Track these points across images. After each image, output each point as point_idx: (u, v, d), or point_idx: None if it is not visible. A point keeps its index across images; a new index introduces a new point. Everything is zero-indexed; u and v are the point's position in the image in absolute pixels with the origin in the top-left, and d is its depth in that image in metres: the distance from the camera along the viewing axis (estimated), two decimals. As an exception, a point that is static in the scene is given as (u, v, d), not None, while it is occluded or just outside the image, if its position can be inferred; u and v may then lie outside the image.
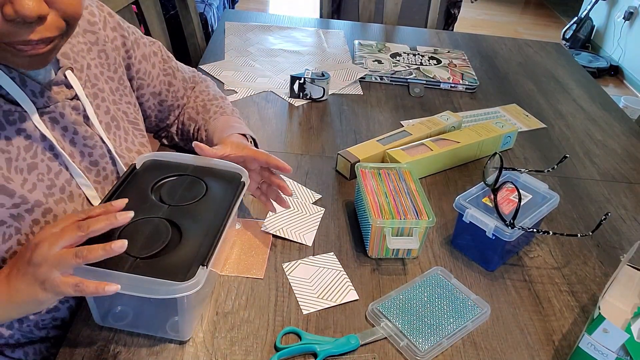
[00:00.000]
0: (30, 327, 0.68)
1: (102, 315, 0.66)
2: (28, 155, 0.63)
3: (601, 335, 0.60)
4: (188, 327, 0.65)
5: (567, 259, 0.86)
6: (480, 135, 1.08)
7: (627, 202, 1.02)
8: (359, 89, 1.34)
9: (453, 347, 0.69)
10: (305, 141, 1.11)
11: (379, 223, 0.77)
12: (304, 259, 0.80)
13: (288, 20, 1.73)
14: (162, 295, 0.57)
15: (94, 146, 0.71)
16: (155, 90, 0.88)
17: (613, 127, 1.29)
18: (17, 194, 0.60)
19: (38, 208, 0.63)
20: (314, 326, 0.70)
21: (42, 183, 0.64)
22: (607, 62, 3.76)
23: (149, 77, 0.86)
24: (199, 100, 0.95)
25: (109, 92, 0.77)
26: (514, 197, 0.82)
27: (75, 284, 0.52)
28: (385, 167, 0.90)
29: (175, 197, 0.70)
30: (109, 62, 0.77)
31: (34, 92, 0.63)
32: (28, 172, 0.63)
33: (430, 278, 0.78)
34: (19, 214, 0.61)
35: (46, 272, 0.52)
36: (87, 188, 0.69)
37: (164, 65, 0.90)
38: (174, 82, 0.91)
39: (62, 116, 0.67)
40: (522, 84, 1.47)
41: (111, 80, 0.78)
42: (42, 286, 0.53)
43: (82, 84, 0.70)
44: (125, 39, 0.81)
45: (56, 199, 0.65)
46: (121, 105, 0.79)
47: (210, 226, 0.66)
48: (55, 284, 0.53)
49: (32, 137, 0.63)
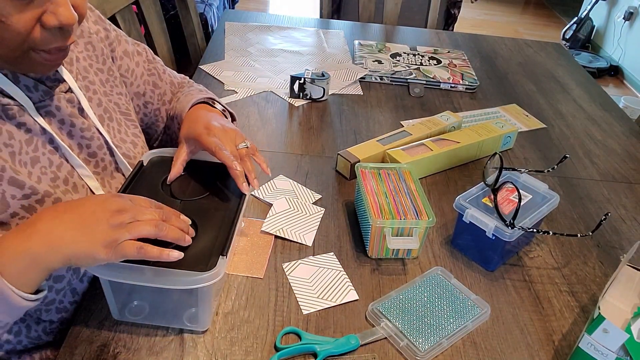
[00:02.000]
0: (39, 333, 0.68)
1: (120, 309, 0.67)
2: (30, 149, 0.63)
3: (601, 335, 0.60)
4: (207, 317, 0.67)
5: (567, 259, 0.86)
6: (480, 135, 1.08)
7: (627, 202, 1.02)
8: (359, 89, 1.34)
9: (453, 347, 0.69)
10: (305, 141, 1.11)
11: (379, 223, 0.77)
12: (304, 259, 0.80)
13: (288, 20, 1.73)
14: (186, 285, 0.59)
15: (91, 138, 0.71)
16: (140, 91, 0.86)
17: (613, 127, 1.29)
18: (27, 184, 0.61)
19: (48, 198, 0.63)
20: (314, 326, 0.70)
21: (45, 176, 0.65)
22: (607, 62, 3.76)
23: (132, 75, 0.84)
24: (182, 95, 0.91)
25: (99, 84, 0.77)
26: (514, 197, 0.82)
27: (140, 246, 0.56)
28: (385, 167, 0.90)
29: (186, 192, 0.73)
30: (97, 54, 0.77)
31: (28, 87, 0.63)
32: (32, 166, 0.63)
33: (430, 278, 0.78)
34: (30, 205, 0.62)
35: (120, 235, 0.56)
36: (88, 179, 0.70)
37: (148, 65, 0.88)
38: (160, 84, 0.89)
39: (58, 109, 0.67)
40: (522, 84, 1.47)
41: (100, 72, 0.78)
42: (108, 246, 0.55)
43: (73, 77, 0.70)
44: (107, 31, 0.80)
45: (62, 190, 0.66)
46: (112, 97, 0.79)
47: (223, 218, 0.69)
48: (122, 246, 0.56)
49: (32, 130, 0.63)
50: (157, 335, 0.66)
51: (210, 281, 0.59)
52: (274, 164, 1.02)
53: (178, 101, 0.89)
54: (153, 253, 0.57)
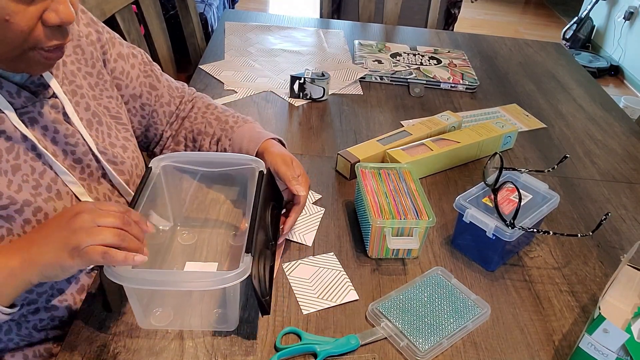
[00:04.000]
0: (29, 330, 0.68)
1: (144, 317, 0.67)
2: (10, 157, 0.62)
3: (601, 335, 0.60)
4: (236, 316, 0.67)
5: (567, 259, 0.86)
6: (480, 135, 1.08)
7: (627, 202, 1.02)
8: (359, 89, 1.34)
9: (453, 347, 0.69)
10: (305, 141, 1.11)
11: (379, 223, 0.77)
12: (304, 259, 0.80)
13: (288, 20, 1.73)
14: (216, 285, 0.59)
15: (76, 144, 0.71)
16: (136, 92, 0.85)
17: (613, 127, 1.29)
18: (4, 195, 0.60)
19: (28, 207, 0.63)
20: (314, 326, 0.70)
21: (27, 184, 0.64)
22: (607, 62, 3.76)
23: (127, 77, 0.83)
24: (208, 114, 0.92)
25: (88, 88, 0.76)
26: (514, 197, 0.82)
27: (105, 251, 0.55)
28: (385, 167, 0.90)
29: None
30: (86, 58, 0.76)
31: (11, 92, 0.63)
32: (12, 174, 0.62)
33: (430, 278, 0.78)
34: (8, 215, 0.61)
35: (81, 239, 0.55)
36: (73, 185, 0.69)
37: (144, 67, 0.87)
38: (157, 86, 0.88)
39: (41, 115, 0.66)
40: (522, 84, 1.47)
41: (89, 75, 0.77)
42: (72, 252, 0.55)
43: (59, 81, 0.70)
44: (99, 34, 0.79)
45: (44, 198, 0.65)
46: (102, 100, 0.78)
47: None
48: (86, 251, 0.55)
49: (12, 138, 0.63)
50: (157, 335, 0.66)
51: (238, 279, 0.60)
52: (274, 164, 1.02)
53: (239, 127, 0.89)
54: (118, 258, 0.56)
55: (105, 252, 0.55)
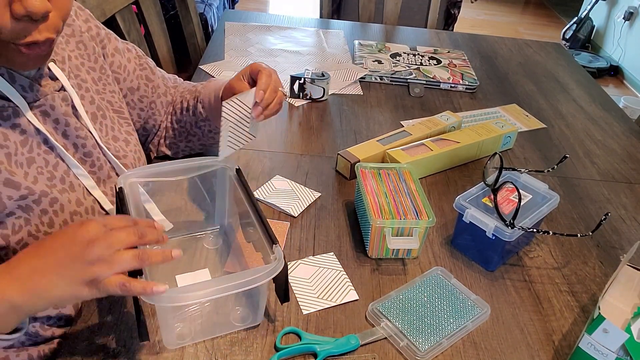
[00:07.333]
0: (36, 329, 0.68)
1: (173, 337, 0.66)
2: (25, 150, 0.63)
3: (601, 335, 0.60)
4: (262, 309, 0.69)
5: (567, 259, 0.86)
6: (480, 135, 1.08)
7: (627, 202, 1.02)
8: (359, 89, 1.34)
9: (453, 347, 0.69)
10: (305, 141, 1.11)
11: (379, 223, 0.77)
12: (304, 259, 0.81)
13: (288, 20, 1.73)
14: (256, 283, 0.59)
15: (85, 137, 0.72)
16: (133, 85, 0.87)
17: (613, 127, 1.29)
18: (23, 185, 0.61)
19: (45, 198, 0.64)
20: (314, 326, 0.70)
21: (42, 176, 0.65)
22: (607, 62, 3.76)
23: (124, 70, 0.85)
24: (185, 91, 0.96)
25: (91, 83, 0.77)
26: (514, 197, 0.82)
27: (122, 283, 0.52)
28: (385, 167, 0.90)
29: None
30: (88, 53, 0.77)
31: (24, 87, 0.63)
32: (28, 166, 0.63)
33: (430, 278, 0.78)
34: (27, 205, 0.62)
35: (100, 272, 0.52)
36: (84, 178, 0.70)
37: (139, 60, 0.89)
38: (152, 78, 0.91)
39: (52, 108, 0.67)
40: (522, 84, 1.47)
41: (92, 70, 0.78)
42: (90, 284, 0.52)
43: (65, 75, 0.70)
44: (98, 29, 0.81)
45: (59, 190, 0.66)
46: (105, 95, 0.79)
47: None
48: (105, 283, 0.52)
49: (27, 131, 0.64)
50: (157, 335, 0.66)
51: (278, 270, 0.60)
52: (274, 163, 1.02)
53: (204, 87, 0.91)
54: (136, 289, 0.53)
55: (123, 285, 0.53)
